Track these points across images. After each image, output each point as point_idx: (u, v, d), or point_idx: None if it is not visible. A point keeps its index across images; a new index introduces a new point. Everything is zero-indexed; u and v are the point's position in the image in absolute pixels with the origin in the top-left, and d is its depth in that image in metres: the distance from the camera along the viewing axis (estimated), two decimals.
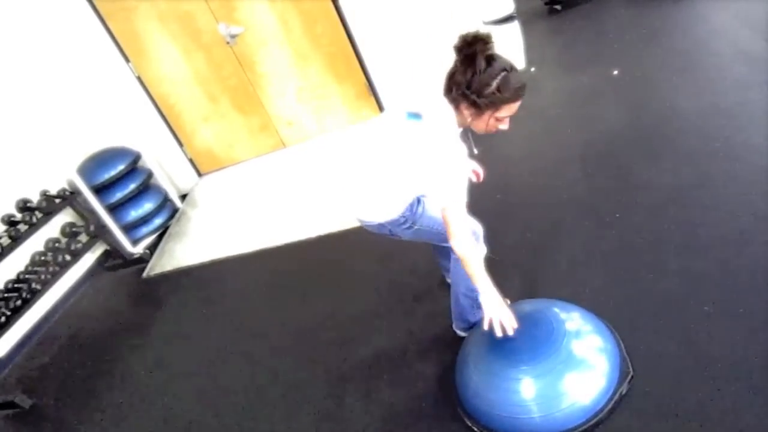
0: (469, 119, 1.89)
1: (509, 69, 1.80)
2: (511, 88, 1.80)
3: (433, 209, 2.13)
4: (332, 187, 4.13)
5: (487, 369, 2.08)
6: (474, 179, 2.38)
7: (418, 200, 2.12)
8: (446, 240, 2.11)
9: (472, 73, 1.77)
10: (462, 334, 2.48)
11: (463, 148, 1.92)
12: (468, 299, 2.35)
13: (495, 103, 1.81)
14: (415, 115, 1.95)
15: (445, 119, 1.89)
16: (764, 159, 2.76)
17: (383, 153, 2.07)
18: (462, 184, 1.88)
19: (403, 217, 2.09)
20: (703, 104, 3.40)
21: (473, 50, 1.74)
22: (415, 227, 2.13)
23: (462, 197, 1.88)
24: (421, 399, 2.33)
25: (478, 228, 2.23)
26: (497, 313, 1.94)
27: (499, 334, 1.93)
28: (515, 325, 1.95)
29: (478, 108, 1.83)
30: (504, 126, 1.91)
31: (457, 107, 1.88)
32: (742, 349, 1.99)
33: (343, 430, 2.38)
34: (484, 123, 1.88)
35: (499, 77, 1.77)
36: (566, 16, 5.68)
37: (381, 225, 2.14)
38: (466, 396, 2.14)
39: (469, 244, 1.91)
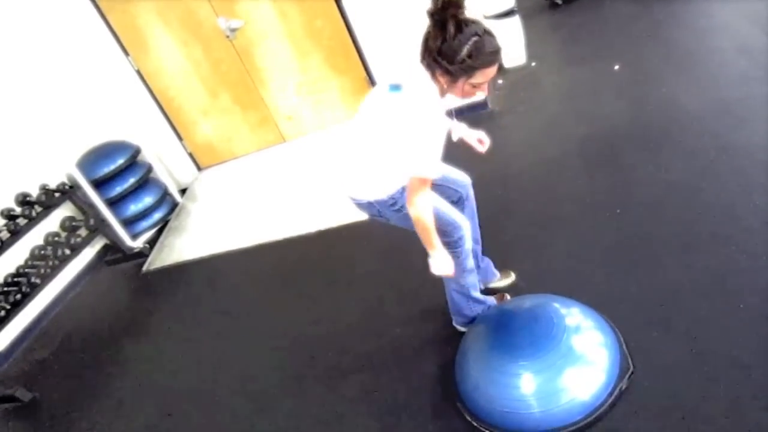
0: (444, 86, 1.85)
1: (481, 34, 1.73)
2: (483, 53, 1.73)
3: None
4: (331, 180, 4.12)
5: (487, 364, 2.08)
6: (479, 148, 2.31)
7: None
8: (441, 228, 2.11)
9: (443, 39, 1.72)
10: (462, 329, 2.48)
11: (444, 120, 1.89)
12: (460, 294, 2.35)
13: (467, 70, 1.76)
14: (396, 87, 1.91)
15: (424, 88, 1.86)
16: (765, 154, 2.76)
17: (368, 128, 2.03)
18: (434, 155, 1.85)
19: (393, 198, 2.07)
20: (704, 99, 3.39)
21: (445, 15, 1.68)
22: (404, 211, 2.10)
23: (431, 168, 1.85)
24: (421, 394, 2.34)
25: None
26: (442, 273, 2.06)
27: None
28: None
29: (451, 75, 1.79)
30: (482, 93, 1.87)
31: (433, 74, 1.84)
32: (741, 345, 1.99)
33: (343, 425, 2.38)
34: (459, 90, 1.84)
35: (470, 43, 1.71)
36: (567, 11, 5.65)
37: (370, 204, 2.12)
38: (466, 391, 2.14)
39: (426, 210, 1.92)
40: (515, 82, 4.66)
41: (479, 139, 2.31)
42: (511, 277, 2.68)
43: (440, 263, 2.03)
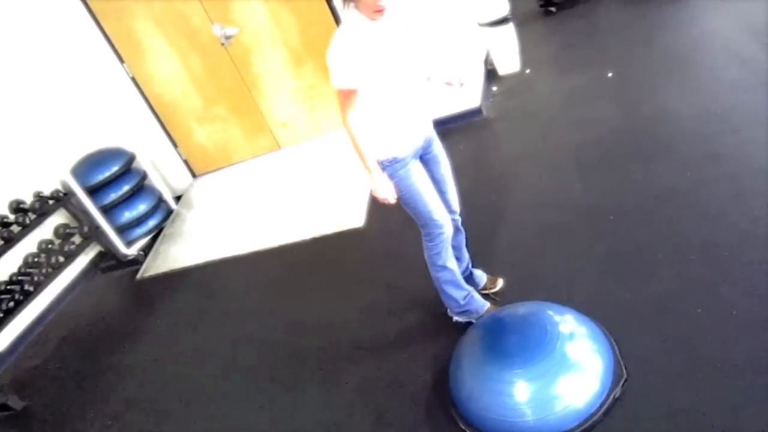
0: (355, 7, 1.96)
1: None
2: None
3: (419, 182, 2.17)
4: (327, 188, 4.13)
5: (481, 372, 2.08)
6: (454, 84, 2.27)
7: (405, 164, 2.15)
8: (419, 217, 2.21)
9: None
10: (457, 318, 2.52)
11: (376, 40, 1.98)
12: (438, 286, 2.42)
13: None
14: None
15: (346, 16, 2.00)
16: (757, 161, 2.77)
17: None
18: (346, 67, 1.97)
19: (382, 164, 2.14)
20: (696, 106, 3.41)
21: None
22: (395, 181, 2.17)
23: (337, 77, 1.99)
24: (415, 401, 2.33)
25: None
26: (380, 194, 2.14)
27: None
28: (393, 201, 2.16)
29: None
30: (382, 3, 1.92)
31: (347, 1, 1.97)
32: (734, 351, 1.99)
33: (336, 431, 2.38)
34: (363, 5, 1.93)
35: None
36: (561, 18, 5.69)
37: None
38: (460, 399, 2.14)
39: (350, 124, 2.05)
40: (510, 89, 4.68)
41: (448, 83, 2.26)
42: (497, 285, 2.69)
43: (378, 186, 2.13)
